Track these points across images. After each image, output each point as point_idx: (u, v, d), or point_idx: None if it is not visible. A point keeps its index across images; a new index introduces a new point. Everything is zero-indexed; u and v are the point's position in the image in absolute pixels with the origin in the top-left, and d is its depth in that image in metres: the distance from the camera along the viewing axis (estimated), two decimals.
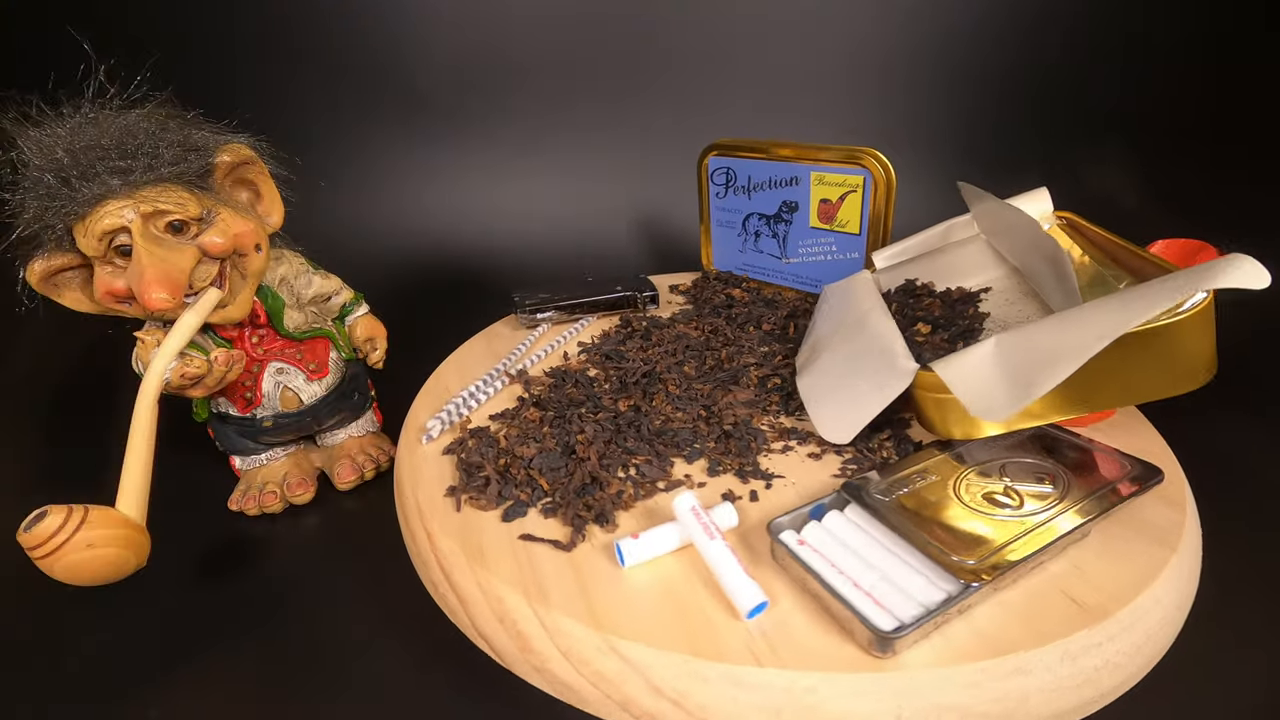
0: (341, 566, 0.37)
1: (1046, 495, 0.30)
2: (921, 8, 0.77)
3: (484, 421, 0.40)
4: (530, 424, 0.38)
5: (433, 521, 0.32)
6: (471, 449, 0.36)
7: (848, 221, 0.48)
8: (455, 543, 0.31)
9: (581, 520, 0.31)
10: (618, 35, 0.78)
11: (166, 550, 0.33)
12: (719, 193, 0.53)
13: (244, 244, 0.34)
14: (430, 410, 0.41)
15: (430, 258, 0.77)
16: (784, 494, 0.33)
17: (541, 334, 0.49)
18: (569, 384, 0.42)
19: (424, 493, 0.34)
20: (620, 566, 0.29)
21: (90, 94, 0.33)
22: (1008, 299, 0.42)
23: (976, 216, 0.45)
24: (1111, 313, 0.28)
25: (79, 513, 0.27)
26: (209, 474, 0.44)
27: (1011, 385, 0.28)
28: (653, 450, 0.35)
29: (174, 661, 0.32)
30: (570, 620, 0.26)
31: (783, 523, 0.29)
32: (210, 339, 0.37)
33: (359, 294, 0.43)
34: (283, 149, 0.38)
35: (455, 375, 0.45)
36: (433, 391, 0.43)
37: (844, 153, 0.45)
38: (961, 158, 0.80)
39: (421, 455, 0.37)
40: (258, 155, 0.36)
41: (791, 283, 0.54)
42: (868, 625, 0.24)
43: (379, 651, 0.32)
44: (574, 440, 0.36)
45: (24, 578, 0.32)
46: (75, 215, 0.31)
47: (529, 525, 0.32)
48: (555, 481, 0.33)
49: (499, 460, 0.35)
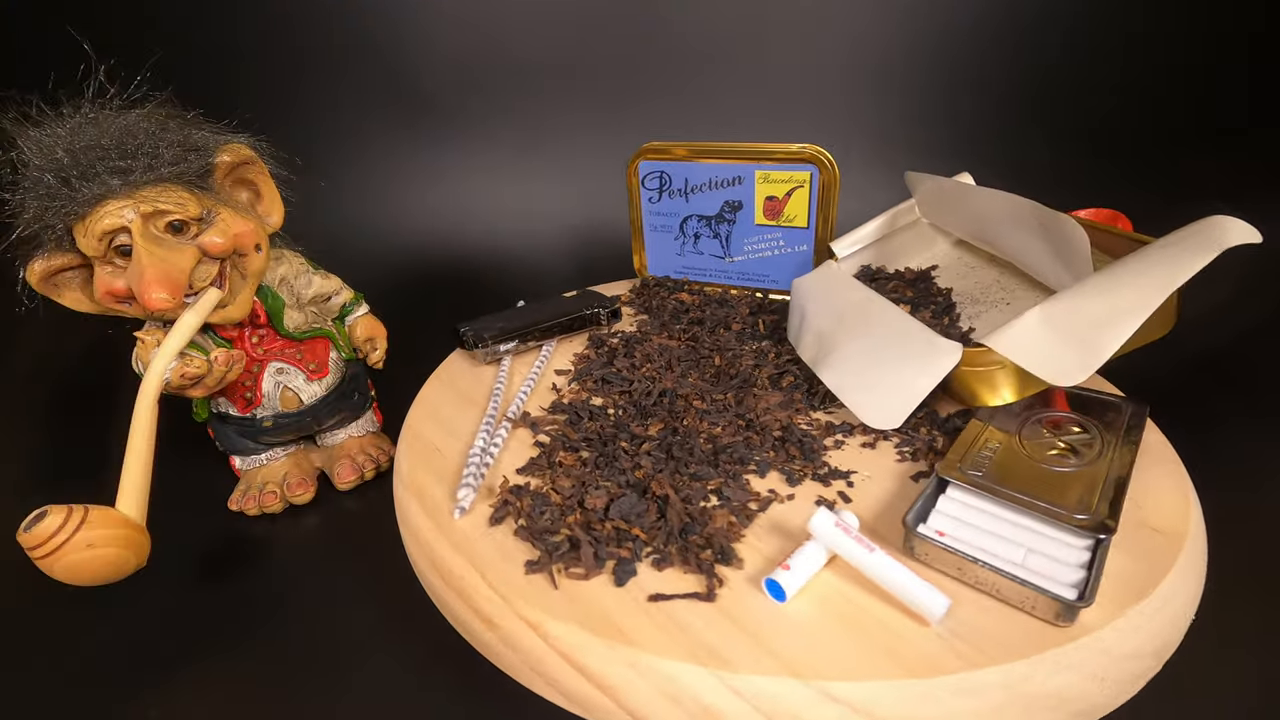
0: (341, 566, 0.37)
1: (1091, 442, 0.32)
2: (921, 7, 0.77)
3: (511, 479, 0.34)
4: (573, 469, 0.34)
5: (528, 608, 0.27)
6: (527, 513, 0.31)
7: (795, 216, 0.49)
8: (575, 625, 0.26)
9: (707, 563, 0.28)
10: (619, 36, 0.78)
11: (166, 550, 0.33)
12: (652, 197, 0.53)
13: (244, 244, 0.34)
14: (426, 469, 0.35)
15: (430, 258, 0.77)
16: (865, 489, 0.33)
17: (507, 367, 0.44)
18: (585, 418, 0.38)
19: (495, 575, 0.28)
20: (777, 602, 0.26)
21: (90, 94, 0.33)
22: (959, 272, 0.46)
23: (920, 200, 0.48)
24: (1149, 275, 0.30)
25: (79, 513, 0.27)
26: (209, 474, 0.44)
27: (1079, 348, 0.30)
28: (722, 472, 0.33)
29: (174, 661, 0.32)
30: (764, 678, 0.23)
31: (913, 518, 0.29)
32: (210, 339, 0.37)
33: (359, 294, 0.43)
34: (283, 149, 0.38)
35: (432, 424, 0.39)
36: (417, 449, 0.37)
37: (789, 150, 0.47)
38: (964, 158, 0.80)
39: (462, 533, 0.31)
40: (258, 155, 0.36)
41: (736, 281, 0.54)
42: (1055, 598, 0.24)
43: (379, 652, 0.32)
44: (631, 477, 0.32)
45: (24, 578, 0.32)
46: (75, 215, 0.31)
47: (644, 583, 0.28)
48: (650, 527, 0.30)
49: (569, 518, 0.30)
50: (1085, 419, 0.34)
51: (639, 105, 0.80)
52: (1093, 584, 0.25)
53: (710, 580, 0.27)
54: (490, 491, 0.33)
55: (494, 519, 0.31)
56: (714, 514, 0.30)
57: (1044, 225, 0.36)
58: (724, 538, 0.29)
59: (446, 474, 0.35)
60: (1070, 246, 0.35)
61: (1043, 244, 0.37)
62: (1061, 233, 0.35)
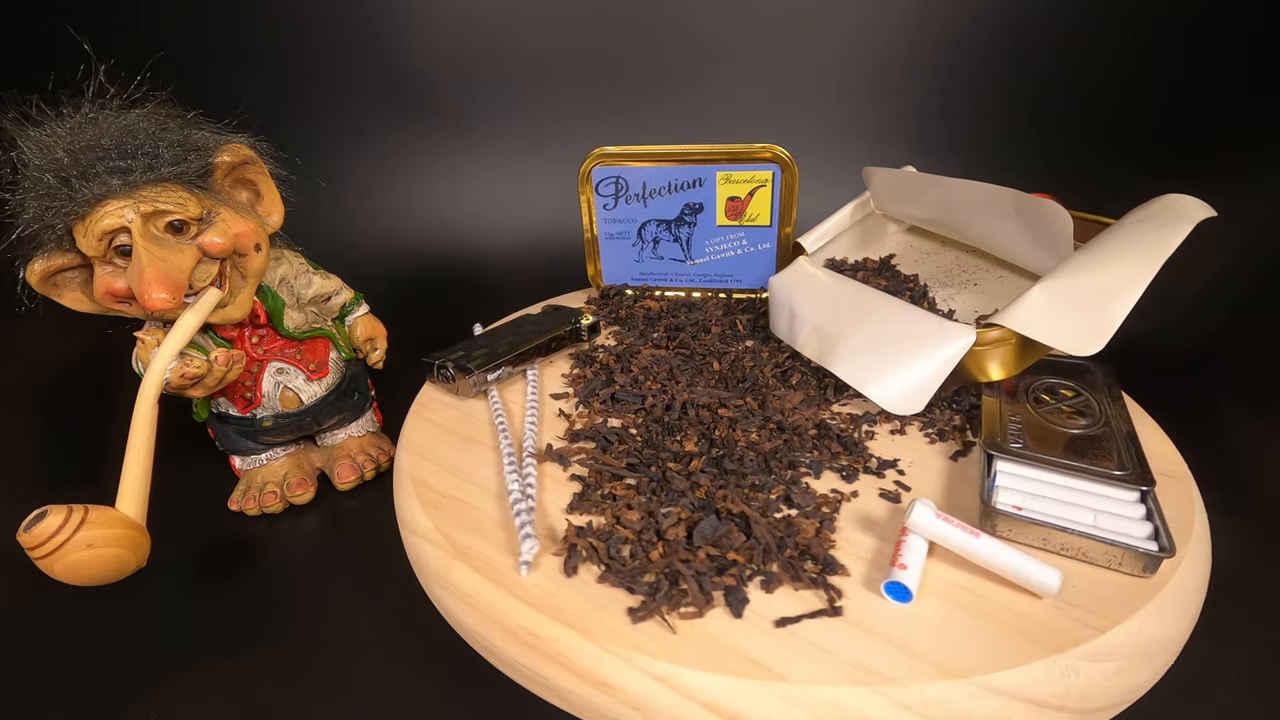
0: (341, 566, 0.37)
1: (1087, 403, 0.35)
2: (920, 7, 0.77)
3: (558, 520, 0.31)
4: (632, 500, 0.31)
5: (651, 661, 0.24)
6: (605, 554, 0.28)
7: (757, 215, 0.49)
8: (711, 669, 0.23)
9: (819, 578, 0.27)
10: (621, 36, 0.78)
11: (166, 550, 0.33)
12: (607, 204, 0.51)
13: (244, 244, 0.34)
14: (458, 525, 0.31)
15: (430, 258, 0.77)
16: (915, 475, 0.34)
17: (496, 397, 0.40)
18: (613, 442, 0.35)
19: (598, 630, 0.25)
20: (900, 604, 0.26)
21: (90, 94, 0.33)
22: (915, 259, 0.49)
23: (875, 193, 0.49)
24: (1135, 249, 0.33)
25: (79, 513, 0.27)
26: (209, 474, 0.44)
27: (1088, 319, 0.32)
28: (778, 479, 0.32)
29: (174, 661, 0.32)
30: (927, 685, 0.23)
31: (992, 496, 0.30)
32: (210, 339, 0.37)
33: (359, 294, 0.43)
34: (283, 149, 0.38)
35: (439, 472, 0.35)
36: (435, 503, 0.32)
37: (750, 150, 0.47)
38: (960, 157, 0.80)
39: (535, 590, 0.27)
40: (258, 155, 0.36)
41: (698, 283, 0.53)
42: (1143, 552, 0.26)
43: (379, 651, 0.32)
44: (693, 498, 0.31)
45: (24, 578, 0.32)
46: (75, 215, 0.31)
47: (761, 609, 0.26)
48: (742, 549, 0.28)
49: (652, 554, 0.28)
50: (1070, 382, 0.37)
51: (640, 105, 0.80)
52: (1166, 534, 0.27)
53: (828, 593, 0.26)
54: (549, 538, 0.30)
55: (568, 568, 0.28)
56: (799, 524, 0.29)
57: (1020, 210, 0.38)
58: (820, 547, 0.28)
59: (485, 526, 0.31)
60: (1052, 229, 0.36)
61: (1016, 227, 0.39)
62: (1042, 216, 0.37)
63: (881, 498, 0.32)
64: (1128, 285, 0.32)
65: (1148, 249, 0.33)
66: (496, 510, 0.32)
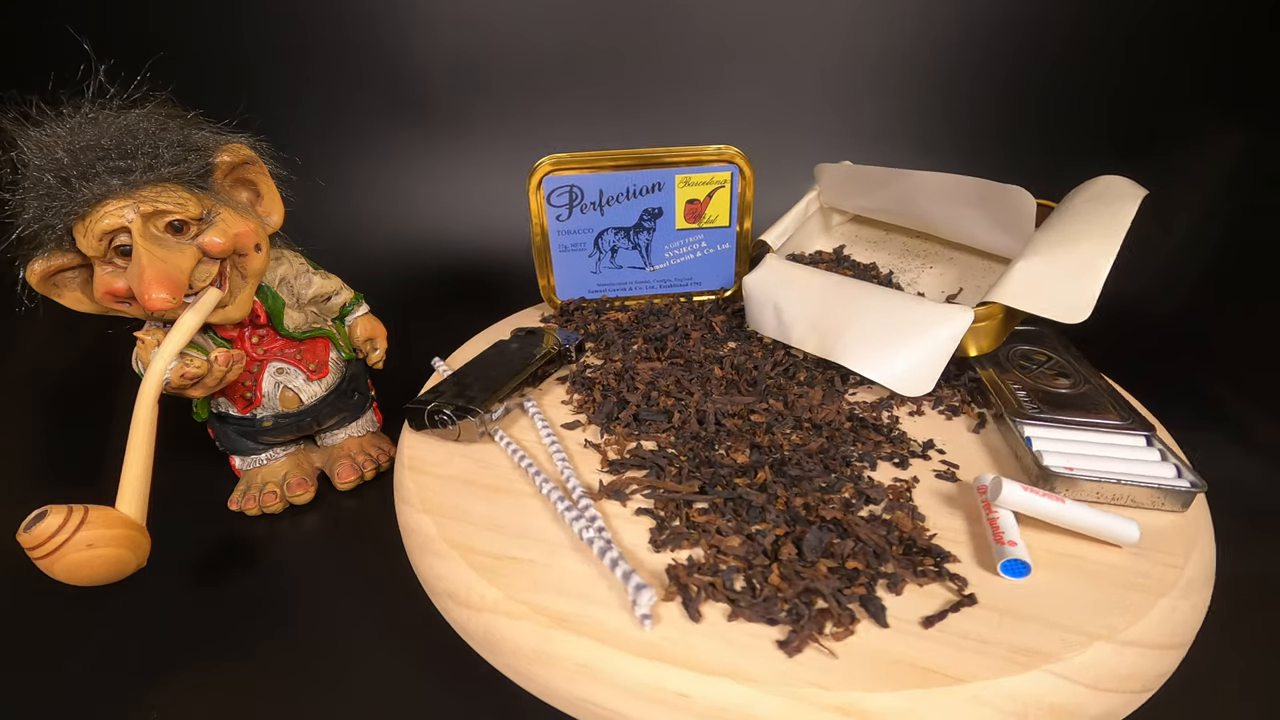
0: (341, 566, 0.37)
1: (1061, 365, 0.39)
2: (920, 7, 0.77)
3: (644, 561, 0.28)
4: (722, 525, 0.29)
5: (827, 694, 0.22)
6: (728, 590, 0.26)
7: (716, 216, 0.49)
8: (890, 688, 0.22)
9: (938, 569, 0.27)
10: (622, 37, 0.78)
11: (166, 550, 0.33)
12: (560, 215, 0.48)
13: (244, 244, 0.34)
14: (536, 589, 0.27)
15: (431, 258, 0.77)
16: (953, 452, 0.35)
17: (501, 437, 0.36)
18: (667, 466, 0.33)
19: (756, 674, 0.23)
20: (1020, 579, 0.27)
21: (90, 94, 0.33)
22: (865, 247, 0.52)
23: (824, 188, 0.51)
24: (1095, 226, 0.36)
25: (79, 513, 0.27)
26: (209, 474, 0.44)
27: (1073, 290, 0.35)
28: (841, 477, 0.32)
29: (174, 661, 0.32)
30: (1088, 654, 0.23)
31: (1045, 461, 0.31)
32: (210, 339, 0.37)
33: (359, 294, 0.43)
34: (283, 149, 0.38)
35: (480, 532, 0.30)
36: (493, 567, 0.28)
37: (708, 152, 0.47)
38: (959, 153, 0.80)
39: (664, 644, 0.24)
40: (258, 155, 0.36)
41: (658, 289, 0.52)
42: (1179, 492, 0.29)
43: (379, 651, 0.32)
44: (776, 511, 0.30)
45: (24, 578, 0.32)
46: (75, 215, 0.31)
47: (899, 613, 0.25)
48: (857, 553, 0.27)
49: (771, 579, 0.27)
50: (1036, 348, 0.41)
51: (641, 106, 0.80)
52: (1191, 471, 0.30)
53: (955, 583, 0.26)
54: (676, 584, 0.27)
55: (692, 611, 0.25)
56: (897, 519, 0.29)
57: (983, 197, 0.40)
58: (923, 538, 0.28)
59: (570, 584, 0.27)
60: (1015, 211, 0.39)
61: (978, 212, 0.41)
62: (1006, 201, 0.39)
63: (939, 479, 0.33)
64: (1100, 257, 0.35)
65: (1106, 225, 0.36)
66: (576, 563, 0.28)
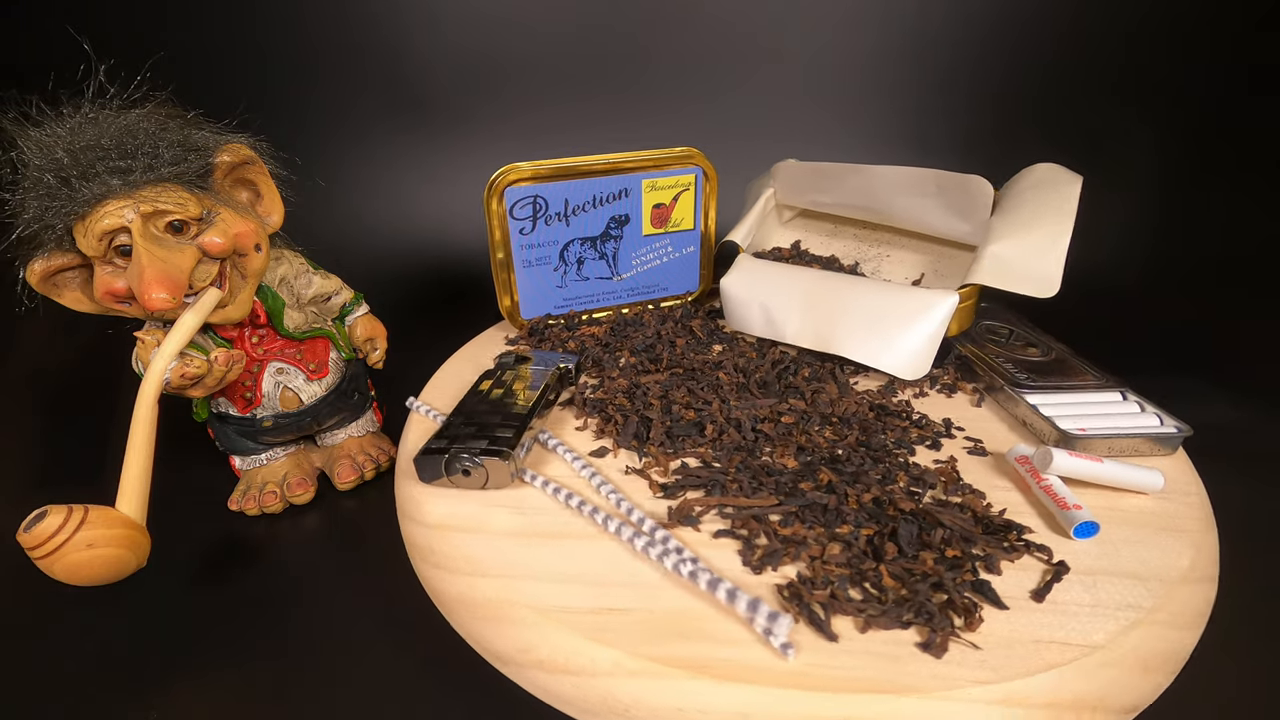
0: (341, 566, 0.37)
1: (1026, 334, 0.44)
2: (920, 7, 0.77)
3: (750, 583, 0.27)
4: (815, 536, 0.29)
5: (990, 689, 0.22)
6: (852, 602, 0.26)
7: (682, 220, 0.49)
8: (1050, 676, 0.23)
9: (1026, 543, 0.28)
10: (623, 38, 0.78)
11: (166, 550, 0.33)
12: (524, 228, 0.45)
13: (244, 244, 0.34)
14: (647, 639, 0.25)
15: (432, 258, 0.77)
16: (969, 427, 0.37)
17: (531, 477, 0.33)
18: (727, 481, 0.32)
19: (910, 677, 0.23)
20: (1092, 537, 0.29)
21: (90, 94, 0.33)
22: (820, 241, 0.54)
23: (779, 186, 0.52)
24: (1046, 209, 0.39)
25: (79, 513, 0.27)
26: (209, 474, 0.44)
27: (1041, 266, 0.38)
28: (891, 466, 0.33)
29: (174, 661, 0.32)
30: (1185, 601, 0.26)
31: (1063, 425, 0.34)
32: (210, 339, 0.37)
33: (359, 294, 0.43)
34: (283, 149, 0.38)
35: (549, 589, 0.27)
36: (586, 624, 0.25)
37: (671, 154, 0.46)
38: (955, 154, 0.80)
39: (812, 670, 0.23)
40: (258, 155, 0.36)
41: (626, 299, 0.50)
42: (1171, 437, 0.34)
43: (379, 651, 0.32)
44: (849, 509, 0.30)
45: (24, 578, 0.32)
46: (75, 215, 0.31)
47: (1007, 591, 0.26)
48: (947, 542, 0.28)
49: (885, 581, 0.27)
50: (998, 323, 0.45)
51: (641, 104, 0.80)
52: (1171, 417, 0.35)
53: (1044, 553, 0.28)
54: (793, 599, 0.26)
55: (827, 633, 0.24)
56: (969, 501, 0.31)
57: (941, 187, 0.42)
58: (996, 516, 0.30)
59: (686, 627, 0.25)
60: (972, 200, 0.42)
61: (936, 202, 0.44)
62: (965, 190, 0.42)
63: (971, 455, 0.35)
64: (1059, 236, 0.38)
65: (1058, 208, 0.39)
66: (682, 601, 0.26)
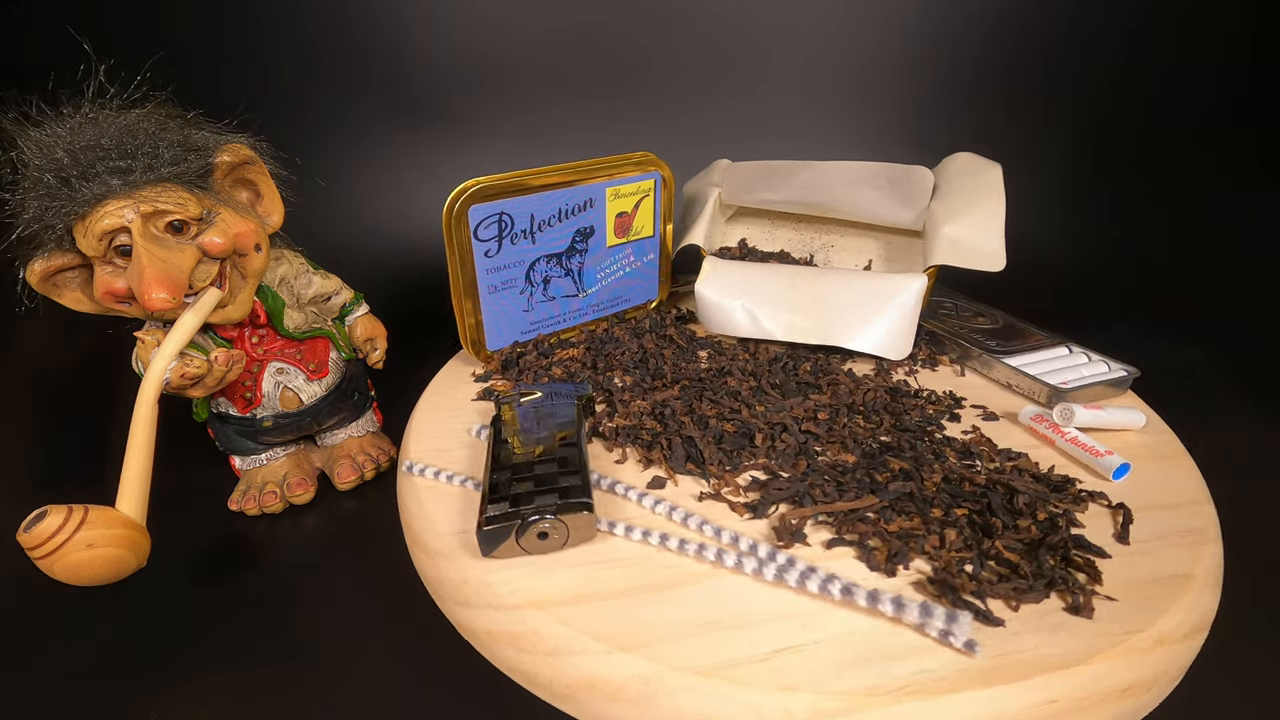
0: (341, 566, 0.37)
1: (967, 306, 0.48)
2: (921, 6, 0.77)
3: (888, 587, 0.27)
4: (906, 527, 0.29)
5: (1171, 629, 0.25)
6: (1003, 590, 0.26)
7: (642, 228, 0.47)
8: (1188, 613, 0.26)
9: (1086, 492, 0.32)
10: (623, 38, 0.78)
11: (166, 550, 0.33)
12: (489, 249, 0.40)
13: (244, 244, 0.34)
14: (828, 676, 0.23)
15: (432, 258, 0.77)
16: (973, 396, 0.41)
17: (606, 523, 0.31)
18: (809, 489, 0.32)
19: (1094, 640, 0.24)
20: (1124, 478, 0.33)
21: (90, 94, 0.33)
22: (766, 237, 0.56)
23: (726, 185, 0.53)
24: (978, 194, 0.42)
25: (79, 513, 0.27)
26: (209, 474, 0.44)
27: (986, 244, 0.41)
28: (933, 444, 0.35)
29: (174, 661, 0.32)
30: (1208, 506, 0.31)
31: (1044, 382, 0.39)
32: (210, 339, 0.37)
33: (359, 294, 0.43)
34: (283, 149, 0.38)
35: (688, 647, 0.25)
36: (766, 675, 0.24)
37: (630, 161, 0.44)
38: None
39: (1000, 666, 0.24)
40: (258, 155, 0.36)
41: (591, 315, 0.47)
42: (1125, 379, 0.40)
43: (379, 652, 0.32)
44: (921, 489, 0.31)
45: (24, 578, 0.32)
46: (75, 215, 0.31)
47: (1098, 540, 0.29)
48: (1034, 504, 0.30)
49: (1011, 556, 0.27)
50: (938, 299, 0.49)
51: (640, 104, 0.80)
52: (1119, 362, 0.41)
53: (1103, 501, 0.31)
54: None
55: (992, 620, 0.25)
56: (1024, 464, 0.33)
57: (890, 179, 0.45)
58: (1048, 473, 0.33)
59: (865, 651, 0.24)
60: (916, 188, 0.44)
61: (883, 193, 0.46)
62: (911, 180, 0.44)
63: (985, 420, 0.38)
64: (994, 217, 0.41)
65: (988, 192, 0.42)
66: (842, 625, 0.25)
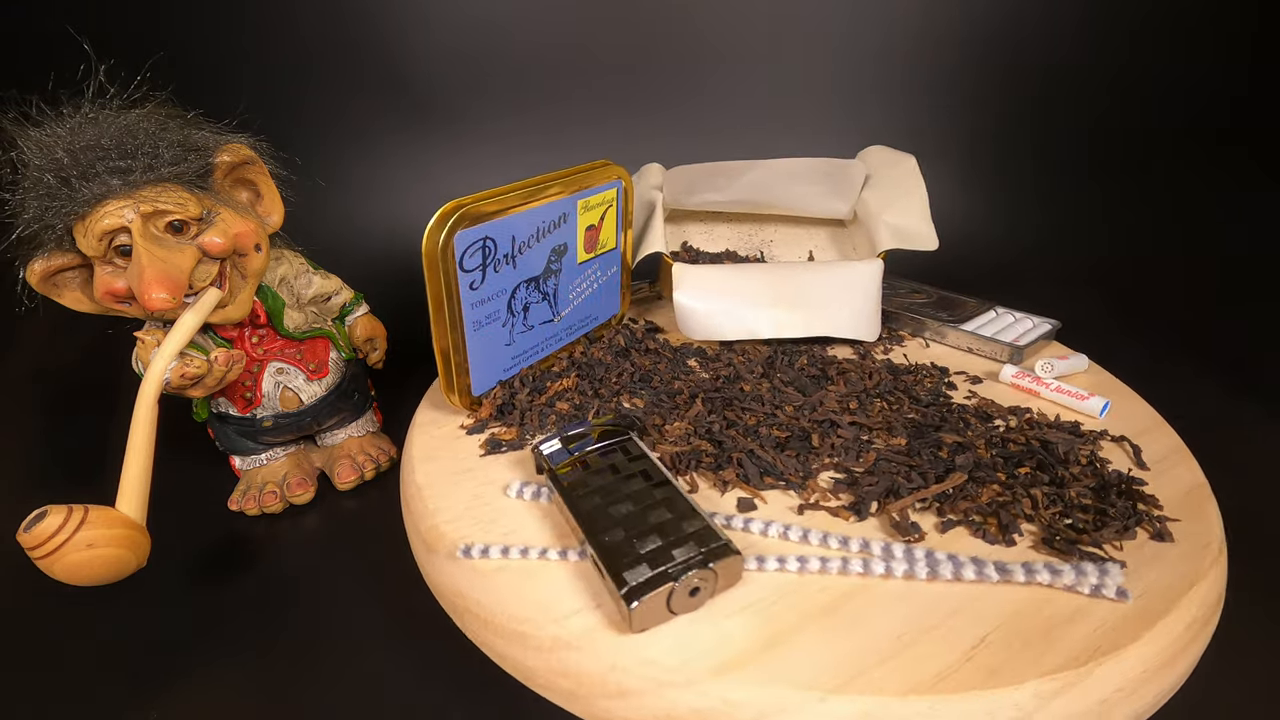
0: (341, 566, 0.37)
1: (899, 285, 0.52)
2: (922, 7, 0.77)
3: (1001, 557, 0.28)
4: (996, 496, 0.31)
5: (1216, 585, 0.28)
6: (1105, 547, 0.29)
7: (607, 240, 0.44)
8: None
9: (1099, 433, 0.36)
10: (623, 37, 0.78)
11: (166, 550, 0.33)
12: (474, 281, 0.35)
13: (244, 244, 0.34)
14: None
15: None
16: (960, 365, 0.44)
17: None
18: (894, 480, 0.32)
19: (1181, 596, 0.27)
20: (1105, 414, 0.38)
21: (90, 94, 0.33)
22: (708, 238, 0.58)
23: (669, 189, 0.53)
24: (900, 184, 0.47)
25: (79, 513, 0.27)
26: (209, 474, 0.44)
27: (920, 227, 0.45)
28: (960, 414, 0.37)
29: (174, 661, 0.32)
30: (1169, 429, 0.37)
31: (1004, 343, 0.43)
32: (210, 339, 0.37)
33: (359, 294, 0.43)
34: (283, 149, 0.38)
35: (898, 668, 0.24)
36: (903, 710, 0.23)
37: (594, 170, 0.41)
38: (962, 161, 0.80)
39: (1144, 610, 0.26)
40: (258, 155, 0.36)
41: (565, 339, 0.43)
42: (1050, 331, 0.45)
43: (379, 652, 0.32)
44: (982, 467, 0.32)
45: (24, 578, 0.32)
46: (75, 215, 0.31)
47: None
48: (1069, 456, 0.33)
49: (1076, 515, 0.29)
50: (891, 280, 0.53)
51: (644, 106, 0.80)
52: (1041, 319, 0.46)
53: (1124, 443, 0.35)
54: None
55: (1119, 563, 0.27)
56: (1038, 417, 0.37)
57: (828, 173, 0.48)
58: (1063, 424, 0.36)
59: (1034, 628, 0.25)
60: (850, 180, 0.48)
61: (821, 187, 0.49)
62: (846, 173, 0.48)
63: (976, 385, 0.42)
64: (922, 203, 0.45)
65: (911, 180, 0.46)
66: (1004, 606, 0.26)
